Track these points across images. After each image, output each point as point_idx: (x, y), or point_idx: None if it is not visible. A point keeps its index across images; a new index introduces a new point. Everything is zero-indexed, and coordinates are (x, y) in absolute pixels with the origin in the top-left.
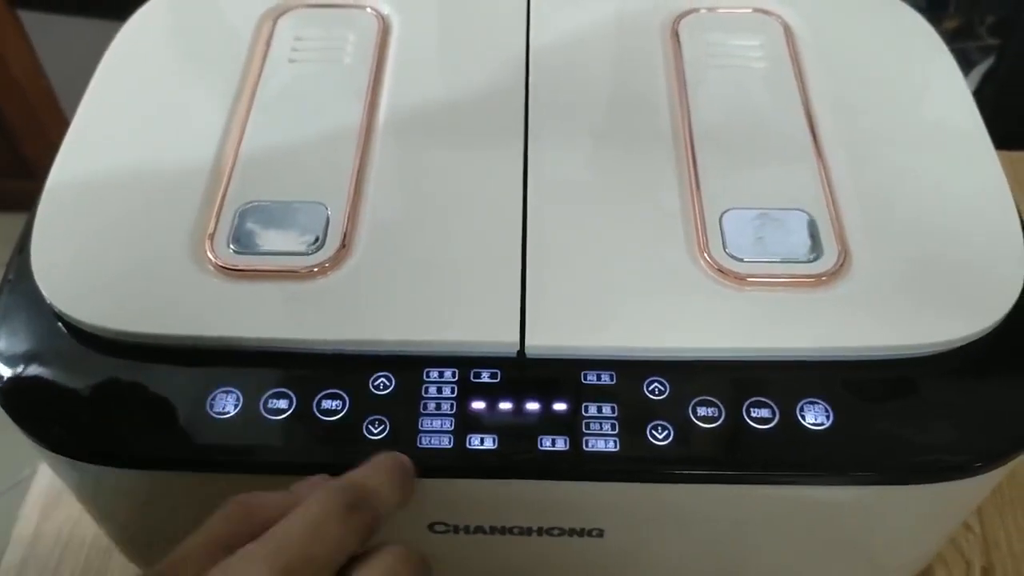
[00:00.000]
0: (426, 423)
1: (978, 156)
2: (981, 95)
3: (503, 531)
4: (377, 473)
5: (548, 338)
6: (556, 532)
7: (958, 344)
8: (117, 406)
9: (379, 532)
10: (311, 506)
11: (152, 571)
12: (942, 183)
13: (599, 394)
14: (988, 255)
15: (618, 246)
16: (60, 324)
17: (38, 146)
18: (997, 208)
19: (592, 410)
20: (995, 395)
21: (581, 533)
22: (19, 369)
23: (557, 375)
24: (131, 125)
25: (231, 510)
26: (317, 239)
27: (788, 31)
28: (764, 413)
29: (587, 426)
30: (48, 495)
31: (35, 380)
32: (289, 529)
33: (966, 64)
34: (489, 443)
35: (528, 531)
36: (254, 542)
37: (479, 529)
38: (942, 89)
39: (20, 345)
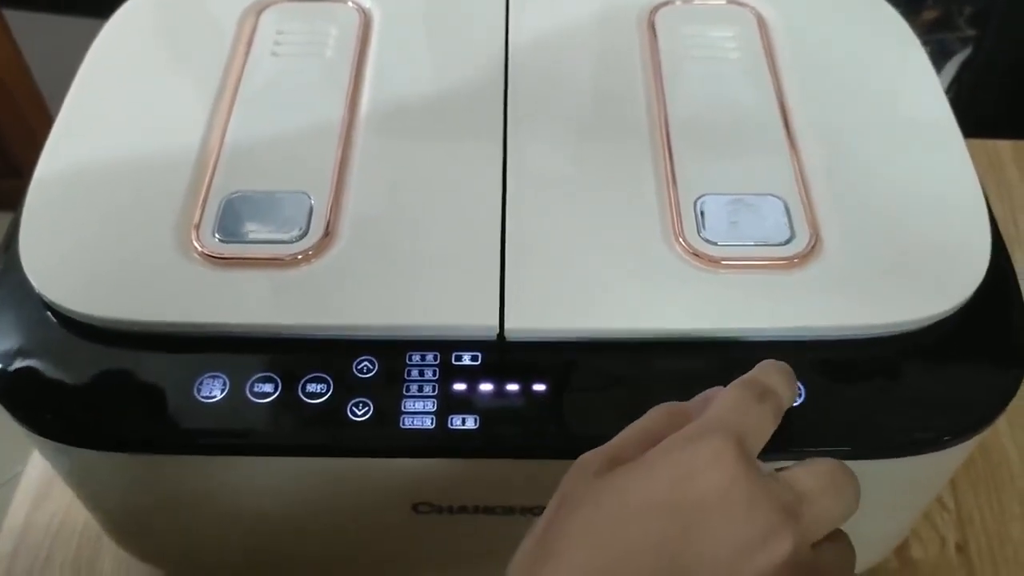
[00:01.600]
0: (409, 404)
1: (946, 143)
2: (959, 84)
3: (487, 511)
4: (770, 372)
5: (527, 321)
6: (539, 511)
7: (926, 323)
8: (107, 392)
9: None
10: (727, 398)
11: (594, 455)
12: (911, 169)
13: (578, 375)
14: (955, 236)
15: (596, 232)
16: (49, 314)
17: (23, 144)
18: (964, 192)
19: (571, 390)
20: (962, 371)
21: None
22: (10, 359)
23: (536, 357)
24: (117, 118)
25: (657, 413)
26: (301, 228)
27: (762, 22)
28: None
29: (566, 405)
30: (38, 487)
31: (26, 369)
32: (718, 411)
33: (945, 54)
34: (471, 424)
35: (511, 510)
36: (692, 423)
37: (463, 509)
38: (912, 79)
39: (10, 335)
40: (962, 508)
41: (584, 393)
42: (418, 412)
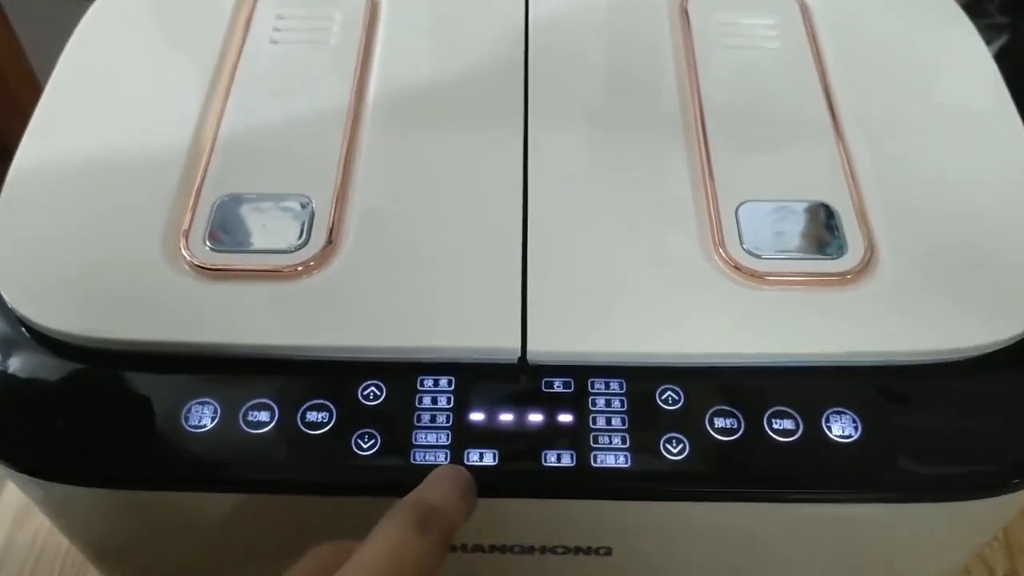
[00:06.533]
0: (420, 436)
1: (1008, 138)
2: None
3: (503, 550)
4: (438, 489)
5: (552, 343)
6: (560, 551)
7: (996, 347)
8: (84, 419)
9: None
10: (384, 531)
11: None
12: (972, 170)
13: (608, 404)
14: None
15: (627, 242)
16: (23, 329)
17: (14, 127)
18: None
19: (600, 422)
20: None
21: (587, 551)
22: None
23: (562, 384)
24: (100, 110)
25: (311, 560)
26: (301, 235)
27: (804, 8)
28: (787, 424)
29: (595, 439)
30: (20, 504)
31: None
32: (369, 554)
33: None
34: (489, 458)
35: (530, 550)
36: (338, 572)
37: (478, 548)
38: (968, 68)
39: None
40: (1011, 537)
41: (614, 425)
42: (431, 445)
